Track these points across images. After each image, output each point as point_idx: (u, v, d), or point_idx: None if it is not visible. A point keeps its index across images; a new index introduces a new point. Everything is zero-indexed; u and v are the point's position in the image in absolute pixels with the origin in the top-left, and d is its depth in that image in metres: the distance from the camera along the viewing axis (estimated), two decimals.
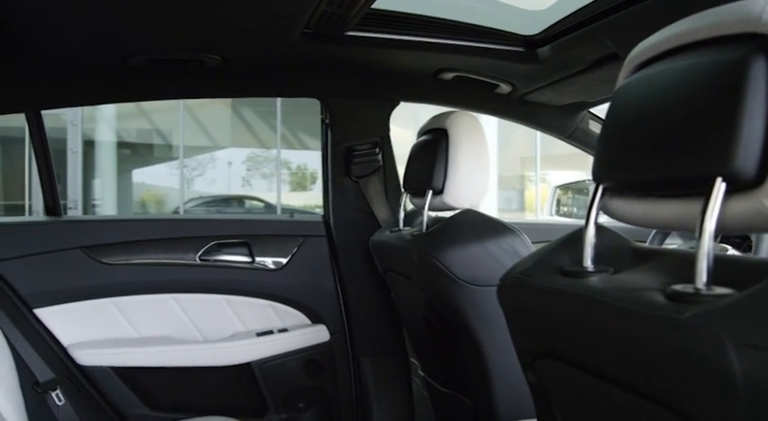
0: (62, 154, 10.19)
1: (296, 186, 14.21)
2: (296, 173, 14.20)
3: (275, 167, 13.38)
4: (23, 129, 7.40)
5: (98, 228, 2.03)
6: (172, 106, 11.91)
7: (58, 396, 1.84)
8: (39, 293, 1.92)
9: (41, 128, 1.99)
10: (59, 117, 10.28)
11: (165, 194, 13.30)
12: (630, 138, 0.67)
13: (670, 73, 0.63)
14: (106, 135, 11.95)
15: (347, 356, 2.12)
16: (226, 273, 2.05)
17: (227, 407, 1.99)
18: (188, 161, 13.09)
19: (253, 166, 13.95)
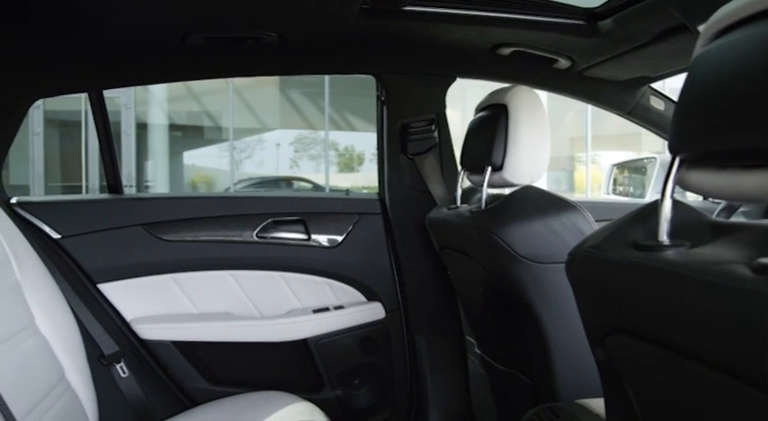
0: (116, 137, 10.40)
1: (343, 167, 14.26)
2: (343, 154, 14.24)
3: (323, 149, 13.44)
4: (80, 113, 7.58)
5: (158, 206, 2.07)
6: (221, 88, 12.04)
7: (122, 368, 1.89)
8: (102, 269, 1.98)
9: (103, 107, 2.03)
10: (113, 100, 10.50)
11: (214, 176, 13.50)
12: (711, 108, 0.64)
13: (754, 38, 0.60)
14: (158, 118, 12.16)
15: (402, 334, 2.13)
16: (282, 250, 2.07)
17: (283, 383, 2.02)
18: (237, 143, 13.24)
19: (300, 148, 14.04)
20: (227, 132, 12.65)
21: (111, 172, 2.14)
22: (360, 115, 13.07)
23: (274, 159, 13.95)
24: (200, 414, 1.80)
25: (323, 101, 12.43)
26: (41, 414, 1.42)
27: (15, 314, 1.51)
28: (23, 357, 1.46)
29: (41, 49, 1.63)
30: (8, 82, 1.79)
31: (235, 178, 12.78)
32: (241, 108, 12.49)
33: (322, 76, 12.02)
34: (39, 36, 1.53)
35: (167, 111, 12.39)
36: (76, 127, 10.22)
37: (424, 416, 2.11)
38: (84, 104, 10.46)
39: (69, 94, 1.91)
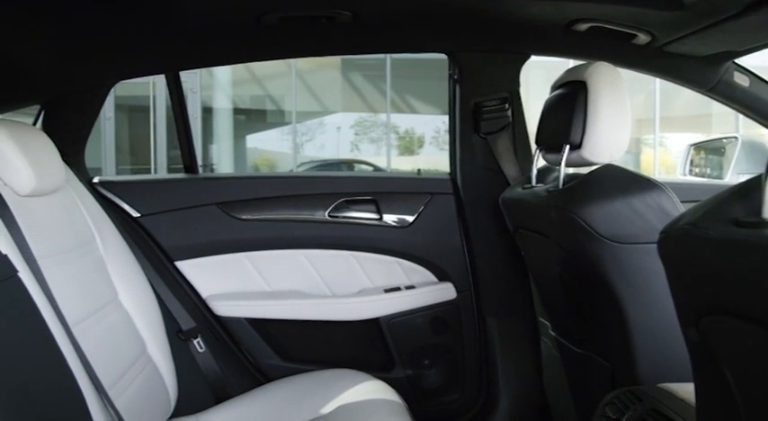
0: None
1: (404, 150, 14.24)
2: (404, 137, 14.21)
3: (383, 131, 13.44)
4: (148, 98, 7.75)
5: (233, 185, 2.11)
6: (283, 72, 12.15)
7: (199, 343, 1.94)
8: (179, 246, 2.03)
9: (180, 89, 2.07)
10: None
11: (276, 159, 13.67)
12: None
13: None
14: (222, 102, 12.38)
15: (473, 315, 2.11)
16: (354, 229, 2.08)
17: (354, 361, 2.03)
18: (298, 126, 13.36)
19: (361, 131, 14.07)
20: (290, 116, 12.77)
21: (186, 152, 2.19)
22: (421, 98, 13.01)
23: (335, 142, 14.03)
24: (273, 389, 1.84)
25: (384, 83, 12.41)
26: (126, 385, 1.47)
27: (101, 289, 1.57)
28: (109, 330, 1.51)
29: (121, 33, 1.66)
30: (90, 65, 1.84)
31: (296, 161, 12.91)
32: (303, 91, 12.59)
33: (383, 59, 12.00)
34: (118, 19, 1.56)
35: (231, 95, 12.59)
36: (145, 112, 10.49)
37: (494, 399, 2.10)
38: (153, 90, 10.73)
39: (147, 76, 1.95)
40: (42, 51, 1.66)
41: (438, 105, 13.23)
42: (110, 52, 1.76)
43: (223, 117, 12.39)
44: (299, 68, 11.88)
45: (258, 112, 13.31)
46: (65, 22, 1.51)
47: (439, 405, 2.13)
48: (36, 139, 1.48)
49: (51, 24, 1.52)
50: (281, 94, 12.76)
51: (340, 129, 13.90)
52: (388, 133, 13.15)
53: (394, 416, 1.59)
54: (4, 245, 1.23)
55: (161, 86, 10.54)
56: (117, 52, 1.77)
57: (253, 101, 13.06)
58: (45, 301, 1.26)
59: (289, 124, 12.94)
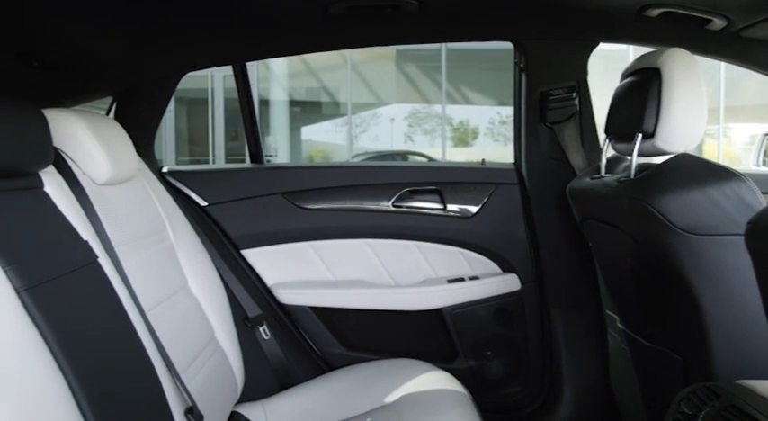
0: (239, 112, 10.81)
1: (458, 142, 14.16)
2: (458, 128, 14.13)
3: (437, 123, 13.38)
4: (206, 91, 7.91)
5: (298, 175, 2.13)
6: (338, 64, 12.21)
7: (264, 331, 1.97)
8: (245, 235, 2.06)
9: (246, 80, 2.09)
10: None
11: (330, 150, 13.77)
12: None
13: None
14: (278, 94, 12.52)
15: (538, 306, 2.09)
16: (418, 219, 2.07)
17: (417, 351, 2.03)
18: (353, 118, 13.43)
19: (414, 122, 14.05)
20: (344, 107, 12.83)
21: (252, 142, 2.22)
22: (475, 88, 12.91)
23: (388, 134, 14.05)
24: (337, 377, 1.85)
25: (438, 74, 12.35)
26: (197, 370, 1.49)
27: (172, 276, 1.60)
28: (180, 316, 1.54)
29: (190, 25, 1.69)
30: (160, 57, 1.87)
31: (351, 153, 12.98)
32: (357, 83, 12.63)
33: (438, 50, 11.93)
34: (188, 11, 1.59)
35: (287, 87, 12.73)
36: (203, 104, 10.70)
37: (557, 392, 2.07)
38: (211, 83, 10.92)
39: (214, 67, 1.98)
40: (115, 45, 1.70)
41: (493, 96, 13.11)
42: (179, 44, 1.79)
43: (279, 109, 12.53)
44: (353, 60, 11.92)
45: (313, 104, 13.42)
46: (136, 16, 1.55)
47: (501, 397, 2.12)
48: (111, 129, 1.52)
49: (123, 18, 1.55)
50: (336, 86, 12.83)
51: (394, 120, 13.91)
52: (443, 124, 13.08)
53: (459, 407, 1.58)
54: (85, 231, 1.26)
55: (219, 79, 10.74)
56: (186, 44, 1.80)
57: (308, 93, 13.18)
58: (122, 287, 1.30)
59: (343, 116, 13.01)
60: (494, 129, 13.98)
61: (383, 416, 1.60)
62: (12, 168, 1.12)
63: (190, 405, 1.36)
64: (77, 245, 1.21)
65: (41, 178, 1.25)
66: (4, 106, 1.11)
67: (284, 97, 12.70)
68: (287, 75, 12.56)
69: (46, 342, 1.00)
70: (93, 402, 1.04)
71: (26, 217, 1.13)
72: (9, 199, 1.11)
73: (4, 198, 1.10)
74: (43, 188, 1.24)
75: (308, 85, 13.00)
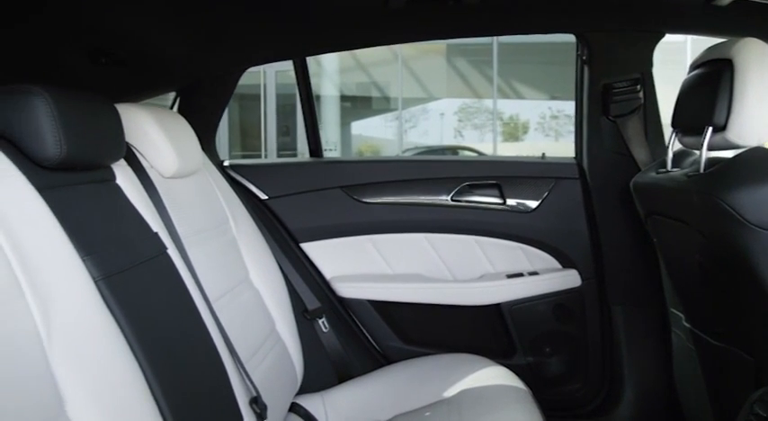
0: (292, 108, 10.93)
1: (508, 137, 14.03)
2: (508, 123, 14.00)
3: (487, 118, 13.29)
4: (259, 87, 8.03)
5: (357, 169, 2.13)
6: (388, 59, 12.22)
7: (323, 324, 1.99)
8: (304, 229, 2.08)
9: (306, 74, 2.11)
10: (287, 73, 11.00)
11: (380, 145, 13.80)
12: None
13: None
14: (329, 89, 12.59)
15: (598, 303, 2.05)
16: (477, 214, 2.06)
17: (475, 346, 2.02)
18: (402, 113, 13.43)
19: (464, 117, 13.97)
20: (395, 102, 12.84)
21: (312, 136, 2.24)
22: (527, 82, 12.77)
23: (438, 129, 14.01)
24: (395, 371, 1.86)
25: (489, 68, 12.25)
26: (259, 361, 1.52)
27: (235, 268, 1.62)
28: (243, 308, 1.56)
29: (252, 19, 1.70)
30: (222, 52, 1.90)
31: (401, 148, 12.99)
32: (407, 78, 12.63)
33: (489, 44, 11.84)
34: (250, 6, 1.60)
35: (338, 82, 12.79)
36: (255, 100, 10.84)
37: (618, 391, 2.03)
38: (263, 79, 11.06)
39: (275, 62, 2.00)
40: (180, 41, 1.73)
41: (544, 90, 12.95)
42: (241, 40, 1.81)
43: (330, 104, 12.61)
44: (404, 55, 11.91)
45: (364, 99, 13.46)
46: (199, 12, 1.57)
47: (560, 394, 2.09)
48: (178, 124, 1.55)
49: (187, 15, 1.58)
50: (387, 81, 12.85)
51: (443, 115, 13.85)
52: (495, 119, 12.98)
53: (519, 403, 1.56)
54: (154, 223, 1.29)
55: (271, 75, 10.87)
56: (248, 40, 1.82)
57: (358, 88, 13.23)
58: (190, 278, 1.32)
59: (393, 111, 13.02)
60: (545, 123, 13.81)
61: (442, 411, 1.60)
62: (88, 161, 1.15)
63: (254, 395, 1.38)
64: (148, 236, 1.24)
65: (113, 171, 1.28)
66: (83, 101, 1.14)
67: (335, 93, 12.77)
68: (338, 70, 12.63)
69: (121, 330, 1.03)
70: (166, 389, 1.06)
71: (101, 208, 1.16)
72: (85, 191, 1.15)
73: (81, 190, 1.14)
74: (115, 181, 1.28)
75: (358, 81, 13.05)
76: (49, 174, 1.06)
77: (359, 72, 12.78)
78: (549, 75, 12.54)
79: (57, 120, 1.04)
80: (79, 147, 1.09)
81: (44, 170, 1.05)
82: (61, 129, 1.04)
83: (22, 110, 1.03)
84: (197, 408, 1.15)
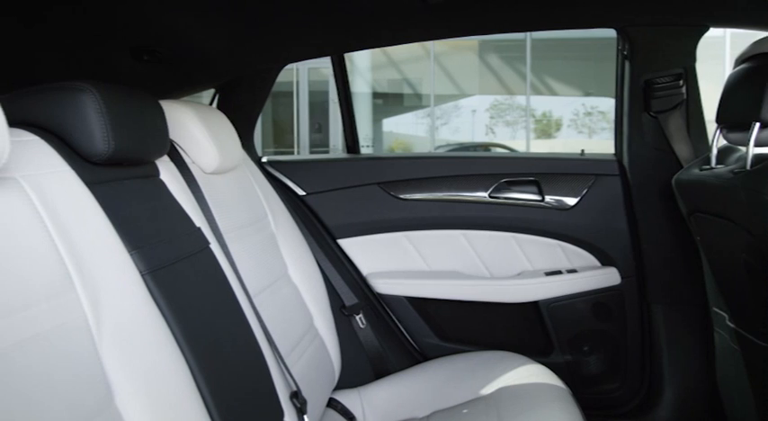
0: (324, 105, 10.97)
1: (540, 134, 13.89)
2: (540, 120, 13.87)
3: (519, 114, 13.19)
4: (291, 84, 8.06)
5: (394, 165, 2.13)
6: (420, 56, 12.19)
7: (360, 320, 2.00)
8: (341, 225, 2.09)
9: (344, 71, 2.11)
10: (320, 70, 11.04)
11: (411, 142, 13.77)
12: None
13: None
14: (361, 86, 12.60)
15: (638, 302, 2.02)
16: (515, 210, 2.05)
17: (512, 344, 2.01)
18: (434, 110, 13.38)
19: (496, 114, 13.88)
20: (426, 99, 12.80)
21: (349, 133, 2.24)
22: (560, 79, 12.63)
23: (470, 126, 13.93)
24: (432, 368, 1.85)
25: (522, 65, 12.15)
26: (298, 356, 1.52)
27: (274, 263, 1.64)
28: (282, 303, 1.57)
29: (291, 16, 1.71)
30: (261, 49, 1.91)
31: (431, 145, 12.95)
32: (439, 74, 12.58)
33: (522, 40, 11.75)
34: (288, 2, 1.61)
35: (369, 79, 12.80)
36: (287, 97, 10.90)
37: (657, 391, 2.01)
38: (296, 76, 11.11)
39: (314, 58, 2.00)
40: (220, 38, 1.74)
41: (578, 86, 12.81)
42: (281, 36, 1.82)
43: (362, 101, 12.62)
44: (436, 51, 11.87)
45: (395, 96, 13.44)
46: (239, 9, 1.58)
47: (598, 393, 2.07)
48: (218, 120, 1.56)
49: (228, 12, 1.59)
50: (418, 78, 12.82)
51: (475, 112, 13.77)
52: (528, 116, 12.87)
53: (559, 401, 1.55)
54: (197, 219, 1.31)
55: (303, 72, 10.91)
56: (287, 36, 1.83)
57: (390, 85, 13.21)
58: (231, 273, 1.34)
59: (425, 108, 12.98)
60: (578, 120, 13.66)
61: (480, 409, 1.59)
62: (134, 157, 1.17)
63: (294, 389, 1.39)
64: (191, 231, 1.26)
65: (157, 167, 1.30)
66: (129, 97, 1.16)
67: (367, 89, 12.77)
68: (369, 67, 12.63)
69: (168, 324, 1.04)
70: (210, 382, 1.08)
71: (146, 203, 1.18)
72: (131, 186, 1.16)
73: (127, 185, 1.15)
74: (159, 176, 1.29)
75: (389, 77, 13.03)
76: (97, 170, 1.08)
77: (390, 69, 12.76)
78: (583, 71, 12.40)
79: (105, 117, 1.05)
80: (126, 143, 1.10)
81: (92, 165, 1.07)
82: (109, 125, 1.06)
83: (71, 106, 1.05)
84: (240, 402, 1.16)
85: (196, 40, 1.72)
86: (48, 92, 1.08)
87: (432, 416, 1.65)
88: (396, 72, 12.85)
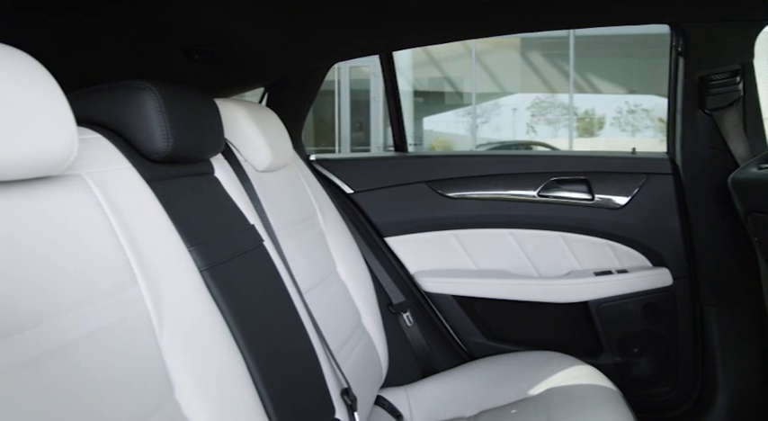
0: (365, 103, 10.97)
1: (582, 132, 13.70)
2: (583, 118, 13.68)
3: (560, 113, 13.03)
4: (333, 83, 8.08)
5: (441, 163, 2.13)
6: (461, 54, 12.13)
7: (408, 318, 2.00)
8: (389, 223, 2.09)
9: (392, 69, 2.11)
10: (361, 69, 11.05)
11: (452, 141, 13.70)
12: None
13: None
14: (402, 85, 12.53)
15: (691, 303, 1.98)
16: (564, 209, 2.02)
17: (560, 344, 1.99)
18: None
19: (537, 112, 13.73)
20: (467, 97, 12.73)
21: (397, 130, 2.24)
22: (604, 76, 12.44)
23: (510, 124, 13.81)
24: (479, 367, 1.84)
25: (564, 62, 12.00)
26: (347, 354, 1.53)
27: (324, 260, 1.65)
28: (331, 300, 1.58)
29: (342, 15, 1.72)
30: (312, 47, 1.92)
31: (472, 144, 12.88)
32: (481, 73, 12.50)
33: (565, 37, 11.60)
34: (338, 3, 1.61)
35: (411, 78, 12.78)
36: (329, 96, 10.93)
37: (711, 395, 1.96)
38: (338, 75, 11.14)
39: (363, 57, 2.01)
40: (271, 37, 1.76)
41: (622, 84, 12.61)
42: (331, 35, 1.83)
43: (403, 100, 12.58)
44: (477, 49, 11.80)
45: (436, 95, 13.39)
46: (290, 8, 1.59)
47: (648, 396, 2.03)
48: (270, 119, 1.58)
49: (279, 11, 1.60)
50: (459, 76, 12.75)
51: (516, 110, 13.65)
52: (571, 114, 12.71)
53: (610, 403, 1.52)
54: (251, 216, 1.32)
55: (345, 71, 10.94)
56: (337, 35, 1.84)
57: (431, 83, 13.16)
58: (284, 269, 1.35)
59: (466, 106, 12.91)
60: (621, 118, 13.44)
61: (529, 409, 1.57)
62: (191, 154, 1.19)
63: (345, 386, 1.40)
64: (246, 228, 1.27)
65: (212, 164, 1.32)
66: (187, 95, 1.18)
67: (408, 88, 12.74)
68: (411, 65, 12.60)
69: (225, 319, 1.06)
70: (266, 378, 1.09)
71: (203, 200, 1.20)
72: (188, 183, 1.18)
73: (184, 182, 1.17)
74: (214, 174, 1.31)
75: (430, 76, 12.98)
76: (156, 167, 1.10)
77: (431, 67, 12.71)
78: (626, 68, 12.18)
79: (164, 115, 1.07)
80: (184, 141, 1.12)
81: (151, 163, 1.09)
82: (168, 123, 1.08)
83: (132, 105, 1.07)
84: (294, 398, 1.17)
85: (247, 39, 1.73)
86: (109, 91, 1.10)
87: (479, 415, 1.64)
88: (437, 70, 12.80)
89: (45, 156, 0.77)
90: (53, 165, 0.79)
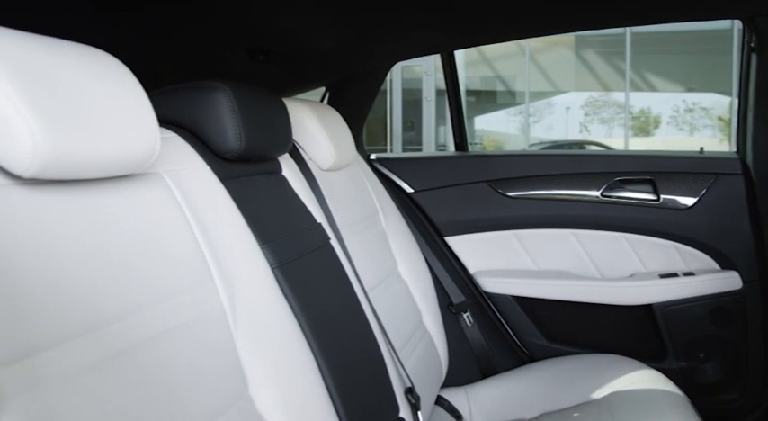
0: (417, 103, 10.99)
1: (638, 131, 13.44)
2: (638, 117, 13.42)
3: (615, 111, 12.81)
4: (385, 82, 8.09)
5: (503, 163, 2.11)
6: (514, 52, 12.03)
7: (468, 318, 1.99)
8: (449, 222, 2.08)
9: (453, 68, 2.10)
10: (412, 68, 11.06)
11: (503, 140, 13.61)
12: None
13: None
14: None
15: (761, 308, 1.92)
16: (628, 210, 1.98)
17: (622, 347, 1.95)
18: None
19: (591, 111, 13.52)
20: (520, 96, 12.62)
21: (458, 130, 2.23)
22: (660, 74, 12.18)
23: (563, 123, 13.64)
24: (540, 369, 1.82)
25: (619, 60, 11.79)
26: (409, 353, 1.53)
27: (386, 259, 1.65)
28: (393, 299, 1.58)
29: (404, 14, 1.72)
30: (374, 46, 1.93)
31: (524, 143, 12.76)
32: (533, 71, 12.38)
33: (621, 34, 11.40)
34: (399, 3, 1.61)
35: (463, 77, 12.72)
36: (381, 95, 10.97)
37: None
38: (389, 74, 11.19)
39: (424, 56, 2.01)
40: (332, 37, 1.77)
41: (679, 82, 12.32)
42: (393, 35, 1.83)
43: None
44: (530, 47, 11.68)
45: (488, 94, 13.32)
46: (352, 8, 1.60)
47: (715, 402, 1.98)
48: (334, 118, 1.59)
49: (340, 11, 1.61)
50: (512, 75, 12.66)
51: (569, 109, 13.48)
52: (626, 113, 12.48)
53: (677, 409, 1.49)
54: (317, 214, 1.33)
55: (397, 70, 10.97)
56: (399, 34, 1.84)
57: (483, 82, 13.10)
58: (349, 268, 1.36)
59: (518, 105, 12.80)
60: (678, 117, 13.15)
61: (592, 413, 1.55)
62: (261, 153, 1.20)
63: (409, 385, 1.40)
64: (313, 226, 1.29)
65: (280, 163, 1.33)
66: (258, 95, 1.19)
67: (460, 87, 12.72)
68: (463, 64, 12.55)
69: (295, 316, 1.07)
70: (335, 375, 1.10)
71: (272, 199, 1.21)
72: (258, 182, 1.20)
73: (255, 181, 1.19)
74: (281, 172, 1.33)
75: (482, 75, 12.92)
76: (229, 166, 1.12)
77: (484, 66, 12.65)
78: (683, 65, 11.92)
79: (237, 114, 1.09)
80: (256, 140, 1.14)
81: (224, 161, 1.11)
82: (241, 122, 1.10)
83: (206, 104, 1.09)
84: (362, 396, 1.17)
85: (310, 39, 1.75)
86: (183, 91, 1.12)
87: (540, 417, 1.62)
88: (489, 69, 12.73)
89: (133, 154, 0.79)
90: (138, 163, 0.81)
